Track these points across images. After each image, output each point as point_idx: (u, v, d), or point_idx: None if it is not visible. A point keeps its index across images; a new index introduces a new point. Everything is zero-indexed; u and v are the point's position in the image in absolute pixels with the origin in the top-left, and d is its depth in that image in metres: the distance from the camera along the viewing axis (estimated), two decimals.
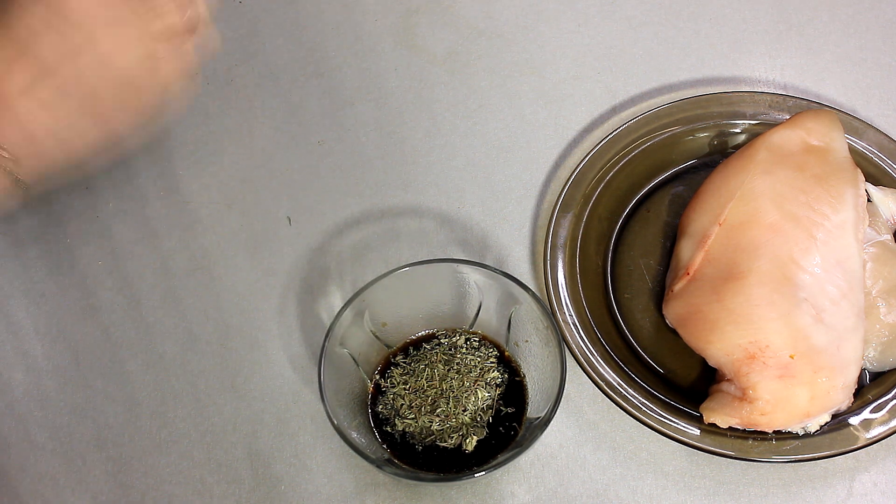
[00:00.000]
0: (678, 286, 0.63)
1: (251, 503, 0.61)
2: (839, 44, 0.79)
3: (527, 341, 0.61)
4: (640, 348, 0.65)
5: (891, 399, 0.61)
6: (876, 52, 0.78)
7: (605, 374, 0.62)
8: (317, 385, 0.57)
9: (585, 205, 0.69)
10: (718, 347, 0.60)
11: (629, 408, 0.61)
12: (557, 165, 0.73)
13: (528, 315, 0.60)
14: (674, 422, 0.60)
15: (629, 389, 0.61)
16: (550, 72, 0.78)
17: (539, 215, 0.71)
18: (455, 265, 0.61)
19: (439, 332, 0.63)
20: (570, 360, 0.63)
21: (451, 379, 0.60)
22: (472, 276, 0.61)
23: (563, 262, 0.66)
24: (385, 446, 0.59)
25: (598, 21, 0.80)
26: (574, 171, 0.70)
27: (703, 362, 0.63)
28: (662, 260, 0.68)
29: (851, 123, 0.70)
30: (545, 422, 0.56)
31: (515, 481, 0.61)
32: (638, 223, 0.70)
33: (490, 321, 0.63)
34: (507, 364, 0.62)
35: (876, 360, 0.62)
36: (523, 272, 0.68)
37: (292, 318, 0.67)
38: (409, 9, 0.81)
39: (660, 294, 0.66)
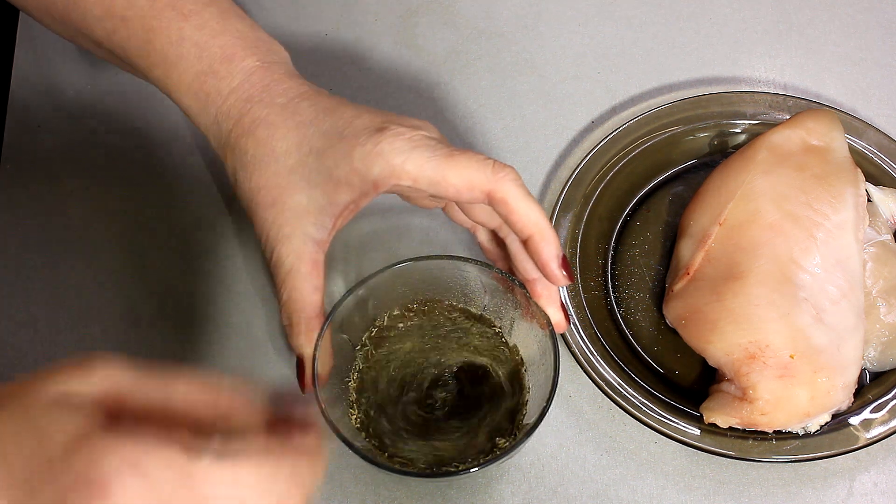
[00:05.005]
0: (678, 286, 0.63)
1: None
2: (839, 44, 0.79)
3: (527, 343, 0.61)
4: (640, 348, 0.65)
5: (891, 399, 0.61)
6: (876, 52, 0.78)
7: (605, 374, 0.62)
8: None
9: (585, 205, 0.69)
10: (718, 347, 0.60)
11: (629, 408, 0.61)
12: (557, 165, 0.73)
13: (529, 315, 0.60)
14: (674, 422, 0.60)
15: (629, 389, 0.61)
16: (550, 72, 0.78)
17: None
18: (459, 263, 0.61)
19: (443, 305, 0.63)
20: (570, 361, 0.63)
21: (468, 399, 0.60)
22: (476, 274, 0.61)
23: None
24: (374, 437, 0.59)
25: (598, 21, 0.80)
26: (574, 171, 0.70)
27: (703, 362, 0.63)
28: (662, 260, 0.68)
29: (851, 123, 0.70)
30: (534, 426, 0.55)
31: (515, 481, 0.61)
32: (638, 223, 0.70)
33: (491, 321, 0.63)
34: (509, 364, 0.62)
35: (876, 360, 0.62)
36: None
37: None
38: (409, 9, 0.81)
39: (660, 294, 0.66)
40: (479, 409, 0.60)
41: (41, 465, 0.35)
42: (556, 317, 0.58)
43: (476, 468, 0.55)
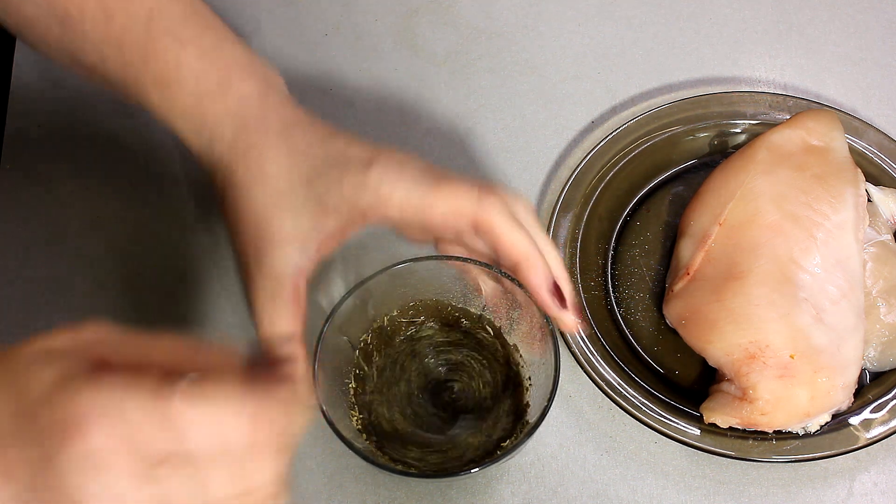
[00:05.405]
0: (678, 286, 0.63)
1: None
2: (839, 44, 0.79)
3: (527, 344, 0.61)
4: (640, 348, 0.65)
5: (891, 399, 0.61)
6: (876, 52, 0.78)
7: (605, 374, 0.62)
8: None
9: (585, 205, 0.69)
10: (718, 347, 0.60)
11: (629, 408, 0.61)
12: (557, 165, 0.73)
13: (529, 316, 0.60)
14: (674, 422, 0.60)
15: (629, 389, 0.61)
16: (550, 72, 0.78)
17: (539, 215, 0.71)
18: (459, 264, 0.61)
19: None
20: (570, 361, 0.63)
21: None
22: (475, 274, 0.61)
23: (563, 261, 0.66)
24: (374, 438, 0.59)
25: (598, 21, 0.80)
26: (574, 171, 0.70)
27: (703, 362, 0.63)
28: (662, 260, 0.68)
29: (851, 123, 0.70)
30: (535, 426, 0.56)
31: (516, 481, 0.61)
32: (638, 223, 0.70)
33: (491, 321, 0.63)
34: (509, 364, 0.62)
35: (876, 360, 0.62)
36: None
37: None
38: (409, 9, 0.81)
39: (660, 294, 0.66)
40: (480, 409, 0.60)
41: (23, 411, 0.36)
42: (569, 318, 0.58)
43: (476, 468, 0.55)
